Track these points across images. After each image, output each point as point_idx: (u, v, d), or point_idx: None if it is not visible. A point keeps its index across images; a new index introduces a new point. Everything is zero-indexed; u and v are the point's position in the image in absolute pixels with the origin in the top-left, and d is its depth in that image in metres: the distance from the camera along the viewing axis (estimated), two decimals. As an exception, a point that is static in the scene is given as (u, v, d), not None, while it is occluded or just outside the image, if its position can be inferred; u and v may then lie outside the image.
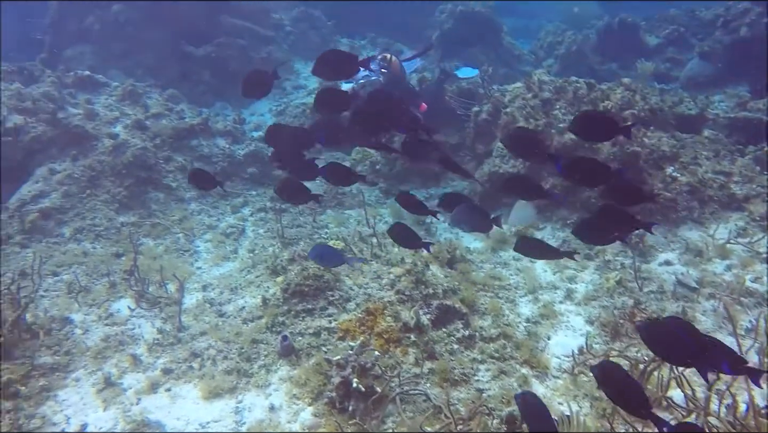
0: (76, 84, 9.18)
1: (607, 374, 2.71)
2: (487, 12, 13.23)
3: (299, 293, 5.10)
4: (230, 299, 5.67)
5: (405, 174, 8.49)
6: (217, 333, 5.05)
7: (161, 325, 5.33)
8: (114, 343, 5.11)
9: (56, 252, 6.73)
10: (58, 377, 4.74)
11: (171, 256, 6.69)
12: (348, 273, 5.48)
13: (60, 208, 7.29)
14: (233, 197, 8.09)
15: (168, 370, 4.71)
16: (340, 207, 7.85)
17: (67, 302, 5.76)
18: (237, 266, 6.40)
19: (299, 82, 11.43)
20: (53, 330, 5.28)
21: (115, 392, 4.55)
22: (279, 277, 5.57)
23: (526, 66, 13.36)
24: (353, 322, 4.82)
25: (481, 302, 5.26)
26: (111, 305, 5.72)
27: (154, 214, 7.46)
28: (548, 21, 18.52)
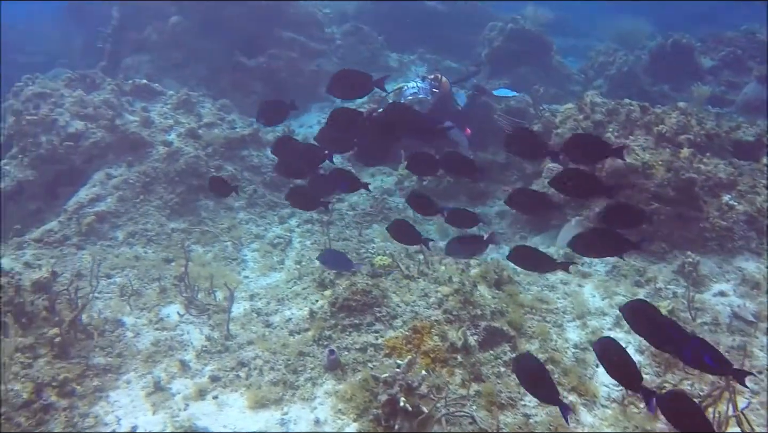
0: (133, 92, 9.46)
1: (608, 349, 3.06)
2: (537, 31, 13.18)
3: (347, 308, 5.13)
4: (277, 309, 5.73)
5: (452, 190, 8.47)
6: (264, 343, 5.10)
7: (209, 332, 5.42)
8: (164, 348, 5.22)
9: (110, 255, 6.92)
10: (111, 378, 4.86)
11: (219, 263, 6.80)
12: (395, 290, 5.49)
13: (115, 212, 7.50)
14: (281, 208, 8.19)
15: (215, 377, 4.78)
16: (386, 221, 7.86)
17: (120, 304, 5.91)
18: (284, 276, 6.47)
19: (348, 95, 11.54)
20: (106, 332, 5.42)
21: (164, 397, 4.63)
22: (327, 290, 5.61)
23: (576, 86, 13.25)
24: (400, 339, 4.82)
25: (529, 325, 5.20)
26: (161, 309, 5.84)
27: (203, 222, 7.62)
28: (599, 41, 18.36)
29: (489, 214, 8.02)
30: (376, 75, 4.48)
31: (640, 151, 6.76)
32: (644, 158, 6.63)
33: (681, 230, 6.39)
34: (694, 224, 6.39)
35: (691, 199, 6.41)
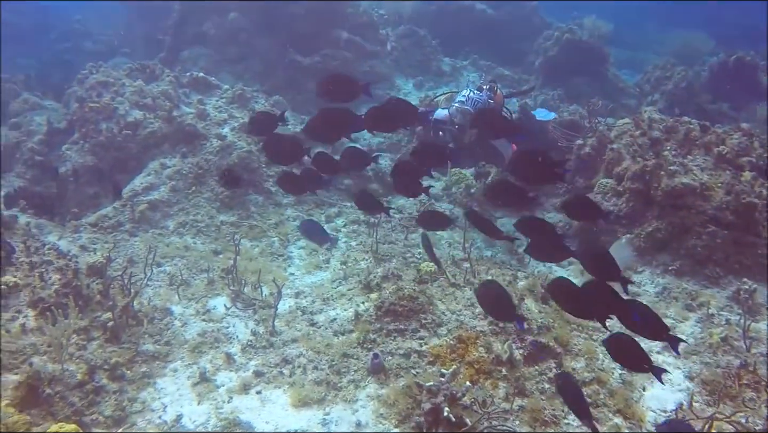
0: (191, 84, 9.65)
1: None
2: (594, 42, 12.98)
3: (392, 312, 5.13)
4: (322, 309, 5.77)
5: (499, 200, 8.40)
6: (309, 342, 5.15)
7: (254, 327, 5.49)
8: (210, 339, 5.31)
9: (160, 243, 7.07)
10: (158, 365, 4.97)
11: (266, 259, 6.89)
12: (441, 298, 5.47)
13: (167, 202, 7.67)
14: (328, 207, 8.25)
15: (260, 373, 4.84)
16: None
17: (169, 293, 6.04)
18: (329, 276, 6.51)
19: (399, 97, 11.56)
20: (155, 319, 5.55)
21: (208, 388, 4.72)
22: (373, 293, 5.62)
23: (630, 99, 13.00)
24: (444, 348, 4.81)
25: (575, 343, 5.12)
26: (208, 301, 5.95)
27: (252, 216, 7.72)
28: (655, 54, 17.99)
29: (536, 226, 7.92)
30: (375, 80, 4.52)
31: (699, 172, 6.60)
32: (702, 179, 6.46)
33: (737, 256, 6.21)
34: (752, 250, 6.19)
35: (750, 225, 6.21)
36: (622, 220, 6.94)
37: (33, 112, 9.91)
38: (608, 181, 7.28)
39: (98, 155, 8.32)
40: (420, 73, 12.35)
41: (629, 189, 6.92)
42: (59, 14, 21.07)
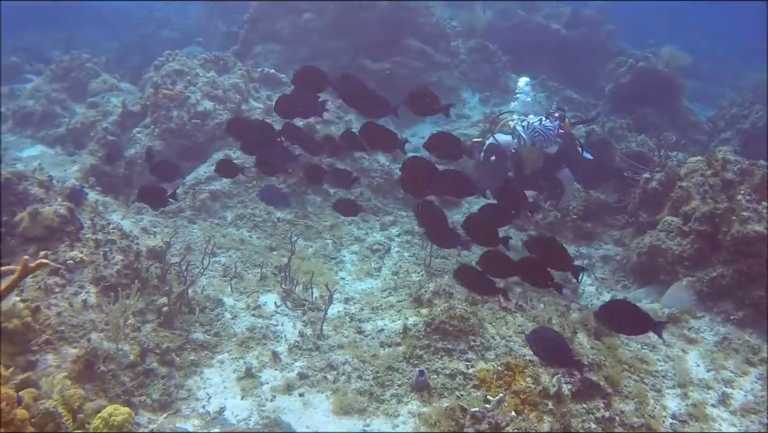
0: (261, 80, 9.84)
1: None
2: (670, 73, 12.63)
3: (442, 331, 5.08)
4: (370, 317, 5.77)
5: (557, 225, 8.26)
6: (355, 350, 5.15)
7: (302, 328, 5.52)
8: (258, 335, 5.37)
9: (217, 233, 7.21)
10: (206, 355, 5.06)
11: (318, 260, 6.94)
12: (492, 321, 5.39)
13: (228, 193, 7.83)
14: (383, 214, 8.26)
15: (304, 375, 4.87)
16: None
17: (222, 284, 6.14)
18: (379, 285, 6.51)
19: (464, 111, 11.52)
20: (207, 309, 5.65)
21: (253, 384, 4.77)
22: (423, 309, 5.59)
23: (702, 135, 12.59)
24: (491, 373, 4.73)
25: (626, 384, 4.96)
26: (260, 296, 6.02)
27: (308, 216, 7.80)
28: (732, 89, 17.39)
29: (593, 257, 7.75)
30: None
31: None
32: (777, 228, 6.19)
33: (807, 311, 5.92)
34: (822, 308, 5.89)
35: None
36: (684, 261, 6.71)
37: (110, 93, 10.27)
38: (674, 220, 7.04)
39: (167, 141, 8.55)
40: (487, 88, 12.27)
41: (696, 230, 6.68)
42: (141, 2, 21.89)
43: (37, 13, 20.43)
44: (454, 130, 10.59)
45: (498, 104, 11.98)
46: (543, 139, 6.82)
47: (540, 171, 7.17)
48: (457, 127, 10.76)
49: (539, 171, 7.17)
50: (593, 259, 7.71)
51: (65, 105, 10.44)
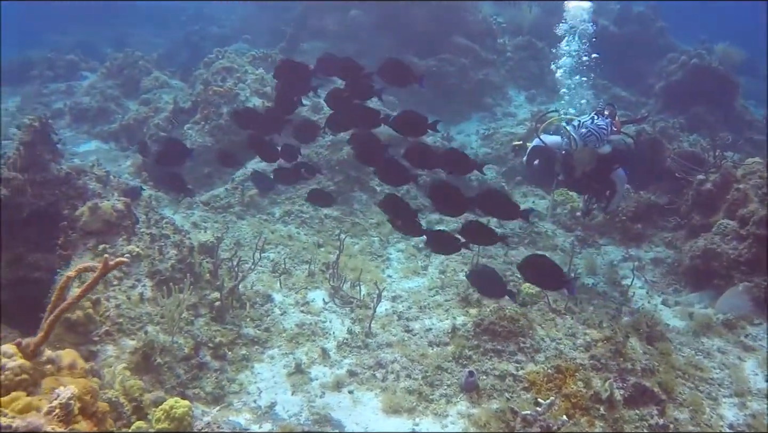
0: (308, 77, 9.89)
1: None
2: (724, 70, 12.25)
3: (491, 331, 5.06)
4: (418, 316, 5.76)
5: (605, 227, 8.12)
6: (403, 349, 5.16)
7: (350, 325, 5.56)
8: (307, 331, 5.43)
9: (266, 229, 7.30)
10: (257, 350, 5.14)
11: (365, 257, 6.97)
12: (541, 323, 5.34)
13: (275, 189, 7.91)
14: (428, 212, 8.24)
15: (353, 372, 4.90)
16: (533, 246, 7.68)
17: (271, 280, 6.22)
18: (426, 283, 6.50)
19: (510, 109, 11.40)
20: (257, 304, 5.74)
21: (303, 380, 4.82)
22: (472, 309, 5.56)
23: (758, 135, 12.17)
24: (541, 375, 4.68)
25: (680, 391, 4.85)
26: (308, 293, 6.08)
27: (355, 213, 7.84)
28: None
29: (642, 259, 7.58)
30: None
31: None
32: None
33: None
34: None
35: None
36: (741, 266, 6.52)
37: (162, 90, 10.49)
38: (729, 223, 6.85)
39: (216, 137, 8.70)
40: (533, 86, 12.10)
41: (753, 234, 6.49)
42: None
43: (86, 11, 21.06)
44: (500, 129, 10.50)
45: (544, 102, 11.81)
46: (596, 139, 6.35)
47: (592, 173, 6.68)
48: (503, 126, 10.66)
49: (591, 173, 6.68)
50: (643, 261, 7.55)
51: (119, 102, 10.72)
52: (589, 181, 6.77)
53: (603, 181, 6.68)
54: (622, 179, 6.76)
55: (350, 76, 5.08)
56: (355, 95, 5.14)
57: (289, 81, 5.28)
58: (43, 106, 10.75)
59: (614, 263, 7.41)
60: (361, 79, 5.00)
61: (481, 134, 10.45)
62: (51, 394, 1.75)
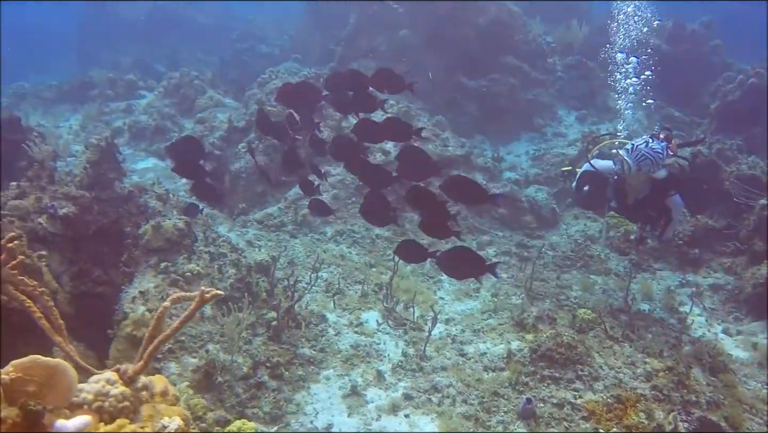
0: (359, 97, 10.01)
1: None
2: (785, 90, 11.88)
3: (548, 358, 5.00)
4: (472, 340, 5.74)
5: (661, 251, 7.94)
6: (458, 373, 5.14)
7: (405, 348, 5.57)
8: (362, 353, 5.46)
9: (318, 249, 7.38)
10: (313, 371, 5.18)
11: (417, 279, 6.97)
12: (599, 350, 5.25)
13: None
14: (479, 234, 8.22)
15: (409, 396, 4.90)
16: (586, 270, 7.56)
17: (325, 300, 6.28)
18: (479, 306, 6.47)
19: (560, 129, 11.29)
20: (311, 324, 5.80)
21: (359, 402, 4.84)
22: (528, 334, 5.51)
23: (821, 157, 11.75)
24: (600, 405, 4.60)
25: (749, 426, 4.70)
26: (361, 314, 6.12)
27: (406, 234, 7.85)
28: None
29: (701, 286, 7.38)
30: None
31: None
32: None
33: None
34: None
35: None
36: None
37: (216, 109, 10.76)
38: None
39: (270, 156, 8.85)
40: (584, 106, 11.96)
41: (821, 262, 6.27)
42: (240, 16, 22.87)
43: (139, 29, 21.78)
44: (550, 149, 10.41)
45: (595, 123, 11.67)
46: (650, 164, 5.98)
47: (646, 199, 6.33)
48: (554, 147, 10.55)
49: (645, 199, 6.33)
50: (701, 287, 7.34)
51: (175, 120, 11.02)
52: (643, 207, 6.43)
53: (658, 208, 6.44)
54: (678, 206, 6.39)
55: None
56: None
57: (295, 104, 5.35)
58: (104, 125, 11.14)
59: (671, 288, 7.23)
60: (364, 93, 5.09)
61: (531, 155, 10.37)
62: (153, 422, 1.82)
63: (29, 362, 1.67)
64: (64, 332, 2.11)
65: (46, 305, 2.11)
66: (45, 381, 1.67)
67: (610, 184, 6.37)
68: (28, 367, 1.66)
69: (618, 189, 6.34)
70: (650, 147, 6.01)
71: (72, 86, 13.67)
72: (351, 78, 5.09)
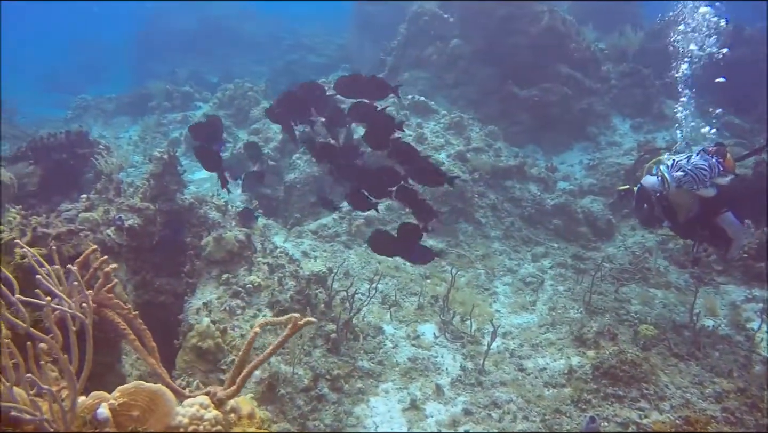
0: (411, 107, 10.06)
1: None
2: None
3: (612, 376, 4.90)
4: (530, 354, 5.67)
5: (726, 266, 7.69)
6: (518, 388, 5.08)
7: (462, 361, 5.54)
8: (420, 366, 5.45)
9: (372, 260, 7.42)
10: (372, 384, 5.21)
11: (472, 290, 6.94)
12: (664, 368, 5.12)
13: (382, 220, 8.04)
14: (534, 245, 8.12)
15: (468, 411, 4.87)
16: (644, 283, 7.39)
17: (381, 312, 6.31)
18: (536, 320, 6.39)
19: (614, 138, 11.08)
20: (368, 336, 5.82)
21: (418, 416, 4.84)
22: (590, 351, 5.42)
23: None
24: (668, 426, 4.48)
25: (825, 451, 4.51)
26: (418, 326, 6.12)
27: (460, 245, 7.83)
28: None
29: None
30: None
31: None
32: None
33: None
34: None
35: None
36: None
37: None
38: None
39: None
40: (639, 115, 11.72)
41: None
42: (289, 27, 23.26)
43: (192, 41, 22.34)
44: (605, 159, 10.24)
45: (651, 131, 11.41)
46: (692, 181, 5.54)
47: (697, 218, 5.86)
48: (608, 156, 10.37)
49: (696, 218, 5.86)
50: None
51: (230, 131, 11.25)
52: (694, 227, 6.00)
53: (709, 227, 5.90)
54: (733, 224, 5.83)
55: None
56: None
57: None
58: (161, 136, 11.47)
59: (736, 303, 7.00)
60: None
61: (585, 164, 10.21)
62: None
63: (133, 388, 1.74)
64: (156, 354, 2.18)
65: (139, 327, 2.19)
66: (147, 406, 1.73)
67: (655, 201, 5.98)
68: (133, 392, 1.73)
69: (666, 207, 5.95)
70: (692, 163, 5.59)
71: (132, 98, 14.12)
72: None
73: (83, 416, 1.66)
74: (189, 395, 2.03)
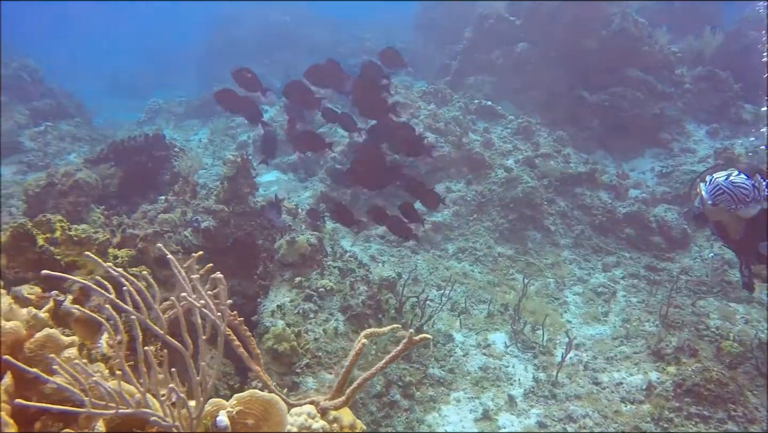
0: (477, 112, 9.98)
1: None
2: None
3: (696, 394, 4.71)
4: (605, 368, 5.52)
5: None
6: (594, 403, 4.95)
7: (535, 372, 5.44)
8: (492, 376, 5.39)
9: (440, 266, 7.38)
10: (443, 392, 5.17)
11: (541, 299, 6.81)
12: (751, 389, 4.89)
13: (449, 225, 8.00)
14: (605, 254, 7.91)
15: (543, 424, 4.78)
16: (724, 296, 7.09)
17: (451, 319, 6.26)
18: (609, 331, 6.22)
19: (688, 145, 10.68)
20: (439, 343, 5.79)
21: (491, 427, 4.78)
22: (670, 366, 5.23)
23: None
24: (757, 449, 4.28)
25: None
26: (488, 335, 6.04)
27: (529, 253, 7.71)
28: None
29: None
30: None
31: None
32: None
33: None
34: None
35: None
36: None
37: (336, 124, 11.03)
38: None
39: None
40: (715, 120, 11.25)
41: None
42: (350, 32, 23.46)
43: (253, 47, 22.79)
44: (679, 166, 9.88)
45: (728, 137, 10.95)
46: (728, 200, 4.93)
47: (743, 240, 5.21)
48: (682, 163, 10.01)
49: (741, 238, 5.20)
50: None
51: (296, 134, 11.40)
52: (739, 247, 5.37)
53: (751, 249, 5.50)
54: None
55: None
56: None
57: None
58: (229, 138, 11.74)
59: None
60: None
61: (658, 172, 9.89)
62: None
63: (248, 396, 1.77)
64: (260, 361, 2.22)
65: (244, 334, 2.23)
66: (261, 414, 1.76)
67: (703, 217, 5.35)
68: (248, 400, 1.76)
69: (717, 225, 5.33)
70: (730, 180, 5.01)
71: (202, 103, 14.51)
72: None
73: (205, 423, 1.70)
74: (293, 403, 2.05)
